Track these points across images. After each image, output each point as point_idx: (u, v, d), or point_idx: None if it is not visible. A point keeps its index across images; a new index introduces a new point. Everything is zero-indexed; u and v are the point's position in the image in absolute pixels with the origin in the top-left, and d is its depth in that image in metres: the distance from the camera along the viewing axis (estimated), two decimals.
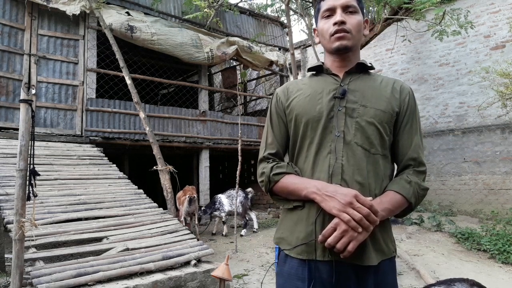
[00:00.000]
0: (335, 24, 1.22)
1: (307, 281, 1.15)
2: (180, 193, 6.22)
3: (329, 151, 1.18)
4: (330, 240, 1.07)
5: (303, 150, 1.25)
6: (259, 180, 1.31)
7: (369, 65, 1.29)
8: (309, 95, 1.27)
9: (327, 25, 1.25)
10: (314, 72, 1.35)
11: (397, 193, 1.16)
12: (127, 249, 3.46)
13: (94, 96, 6.58)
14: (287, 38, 8.14)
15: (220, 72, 11.87)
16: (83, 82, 6.48)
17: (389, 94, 1.24)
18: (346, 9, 1.23)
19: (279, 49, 9.66)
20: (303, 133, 1.24)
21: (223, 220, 6.56)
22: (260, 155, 1.34)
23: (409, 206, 1.19)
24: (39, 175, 2.64)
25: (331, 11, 1.24)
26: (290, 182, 1.21)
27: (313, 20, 1.41)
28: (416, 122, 1.26)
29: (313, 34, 1.37)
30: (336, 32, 1.22)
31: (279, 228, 1.30)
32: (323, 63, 1.33)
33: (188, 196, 5.84)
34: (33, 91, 5.77)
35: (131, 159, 9.21)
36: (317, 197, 1.12)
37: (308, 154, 1.23)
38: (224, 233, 6.42)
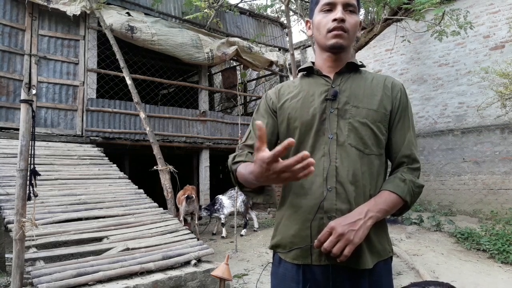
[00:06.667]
0: (334, 20, 1.17)
1: (301, 283, 1.14)
2: (180, 193, 6.22)
3: (322, 154, 1.17)
4: (326, 245, 1.06)
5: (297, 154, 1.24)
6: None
7: (359, 63, 1.27)
8: (301, 98, 1.25)
9: (325, 20, 1.20)
10: (305, 72, 1.32)
11: (392, 192, 1.14)
12: (127, 249, 3.47)
13: (94, 96, 6.59)
14: (287, 39, 8.14)
15: (220, 73, 11.88)
16: (83, 82, 6.49)
17: (381, 92, 1.22)
18: (346, 7, 1.19)
19: (279, 49, 9.67)
20: (296, 137, 1.21)
21: (222, 222, 6.47)
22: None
23: (405, 205, 1.16)
24: (39, 175, 2.65)
25: (331, 6, 1.19)
26: (243, 168, 1.12)
27: None
28: (409, 118, 1.24)
29: (305, 26, 1.43)
30: (334, 29, 1.17)
31: (274, 233, 1.28)
32: (313, 63, 1.31)
33: (186, 195, 5.84)
34: (34, 91, 5.78)
35: (132, 159, 9.22)
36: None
37: None
38: (223, 235, 6.37)
